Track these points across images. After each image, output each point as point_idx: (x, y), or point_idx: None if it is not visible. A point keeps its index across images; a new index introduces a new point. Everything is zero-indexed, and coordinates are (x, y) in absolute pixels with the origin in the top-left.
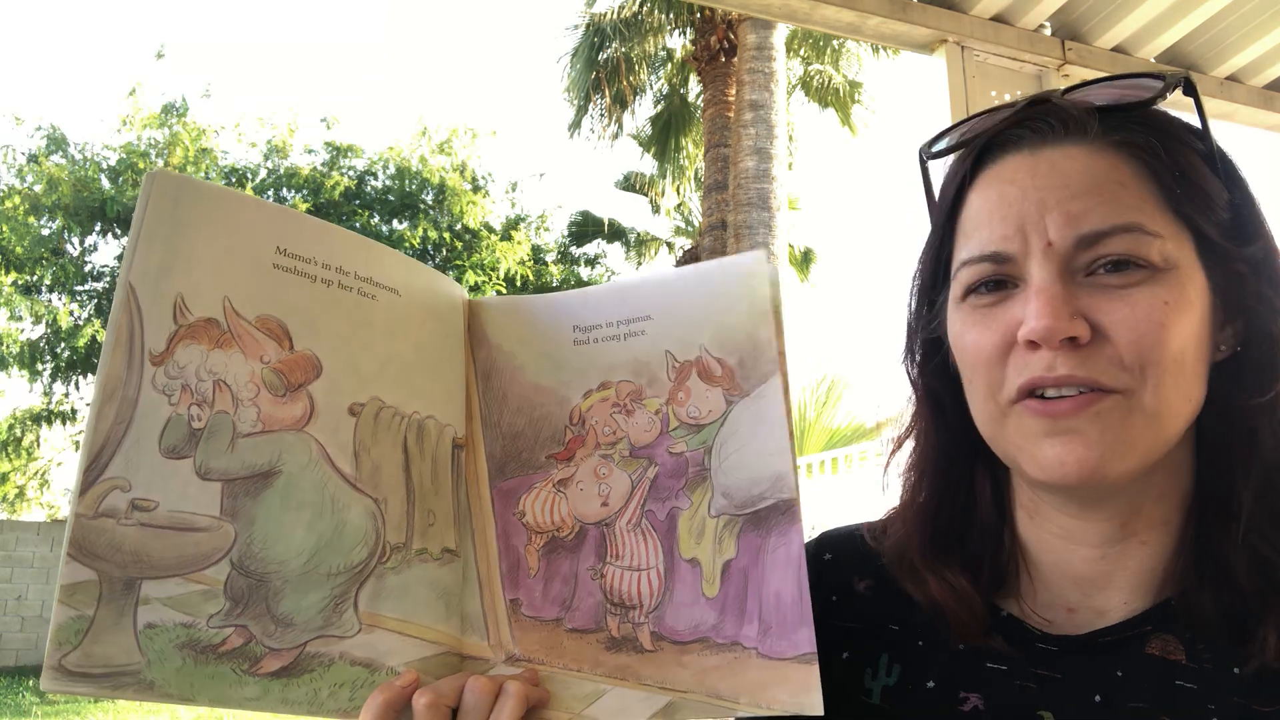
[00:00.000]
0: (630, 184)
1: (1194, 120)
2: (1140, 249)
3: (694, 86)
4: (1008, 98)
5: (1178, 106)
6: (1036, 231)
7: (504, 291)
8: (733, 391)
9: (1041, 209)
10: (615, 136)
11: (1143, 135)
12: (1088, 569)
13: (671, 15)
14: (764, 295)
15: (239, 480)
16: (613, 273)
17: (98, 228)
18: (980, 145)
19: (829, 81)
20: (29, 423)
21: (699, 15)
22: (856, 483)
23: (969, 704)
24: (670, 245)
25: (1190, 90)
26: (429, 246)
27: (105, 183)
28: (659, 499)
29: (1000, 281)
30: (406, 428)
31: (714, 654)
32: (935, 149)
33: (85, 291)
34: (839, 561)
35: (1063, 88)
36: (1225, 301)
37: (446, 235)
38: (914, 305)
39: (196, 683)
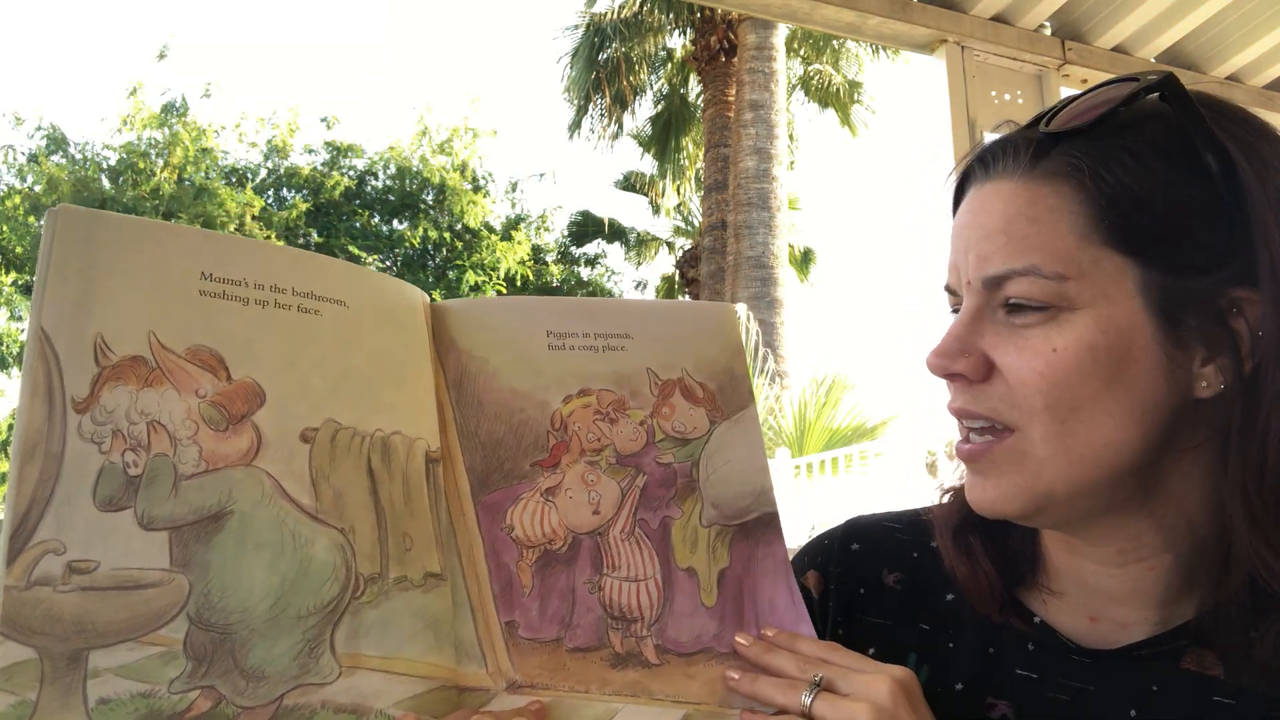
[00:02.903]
0: (630, 184)
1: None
2: (1034, 292)
3: (694, 86)
4: (1007, 98)
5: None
6: (964, 269)
7: (504, 291)
8: (715, 413)
9: (967, 247)
10: (615, 136)
11: (1080, 159)
12: (1099, 582)
13: (671, 15)
14: (737, 338)
15: (187, 526)
16: (613, 272)
17: None
18: (958, 178)
19: (829, 81)
20: None
21: (699, 15)
22: (856, 483)
23: (997, 710)
24: (670, 245)
25: (1169, 97)
26: (429, 246)
27: (105, 183)
28: (650, 508)
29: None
30: (369, 448)
31: (719, 664)
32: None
33: None
34: (868, 552)
35: (1062, 90)
36: (1203, 339)
37: (446, 235)
38: None
39: None
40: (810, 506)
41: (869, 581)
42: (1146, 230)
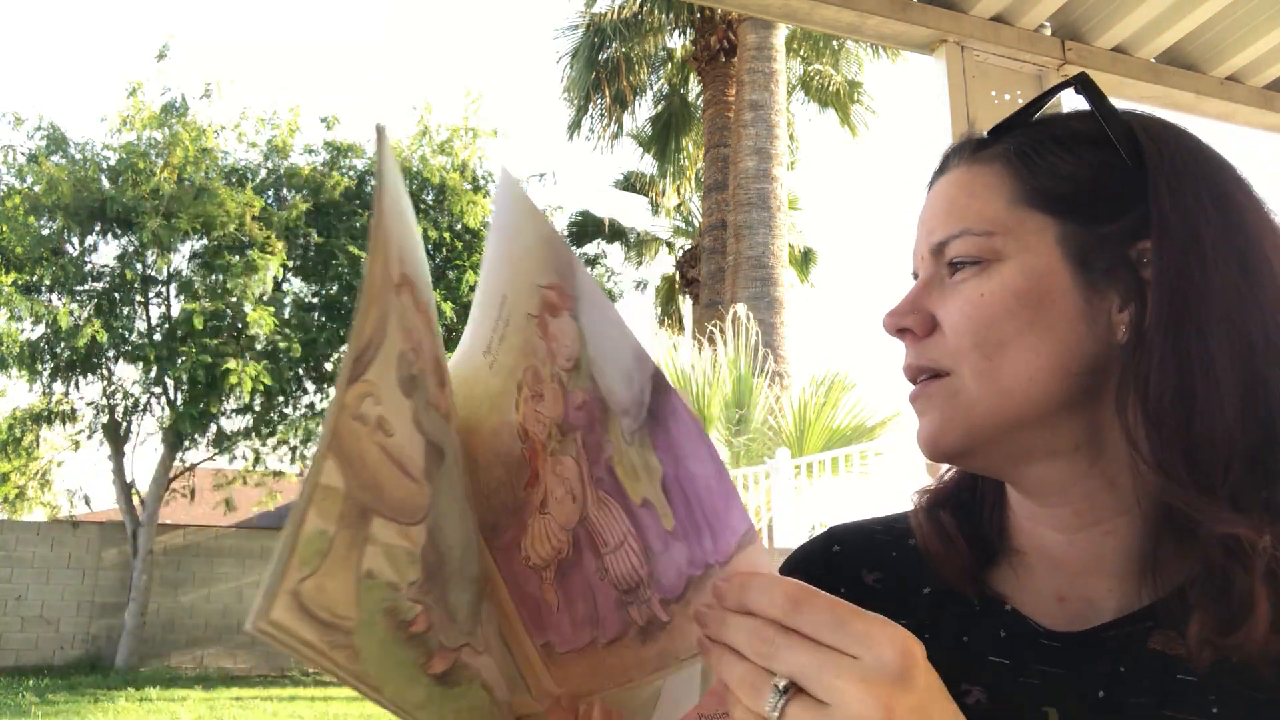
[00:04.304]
0: (630, 184)
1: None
2: (967, 249)
3: (694, 86)
4: (1007, 98)
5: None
6: (920, 249)
7: None
8: (568, 305)
9: (922, 228)
10: (615, 136)
11: (1008, 144)
12: (1062, 553)
13: (671, 15)
14: (528, 208)
15: (431, 445)
16: (613, 272)
17: (98, 228)
18: (931, 180)
19: (829, 82)
20: (29, 423)
21: (699, 15)
22: (856, 483)
23: (972, 697)
24: (670, 245)
25: (1081, 90)
26: (429, 246)
27: (105, 183)
28: (594, 460)
29: None
30: None
31: (702, 591)
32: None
33: (85, 291)
34: (847, 554)
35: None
36: (1117, 286)
37: (446, 235)
38: None
39: (387, 667)
40: (810, 506)
41: (850, 582)
42: (1064, 193)
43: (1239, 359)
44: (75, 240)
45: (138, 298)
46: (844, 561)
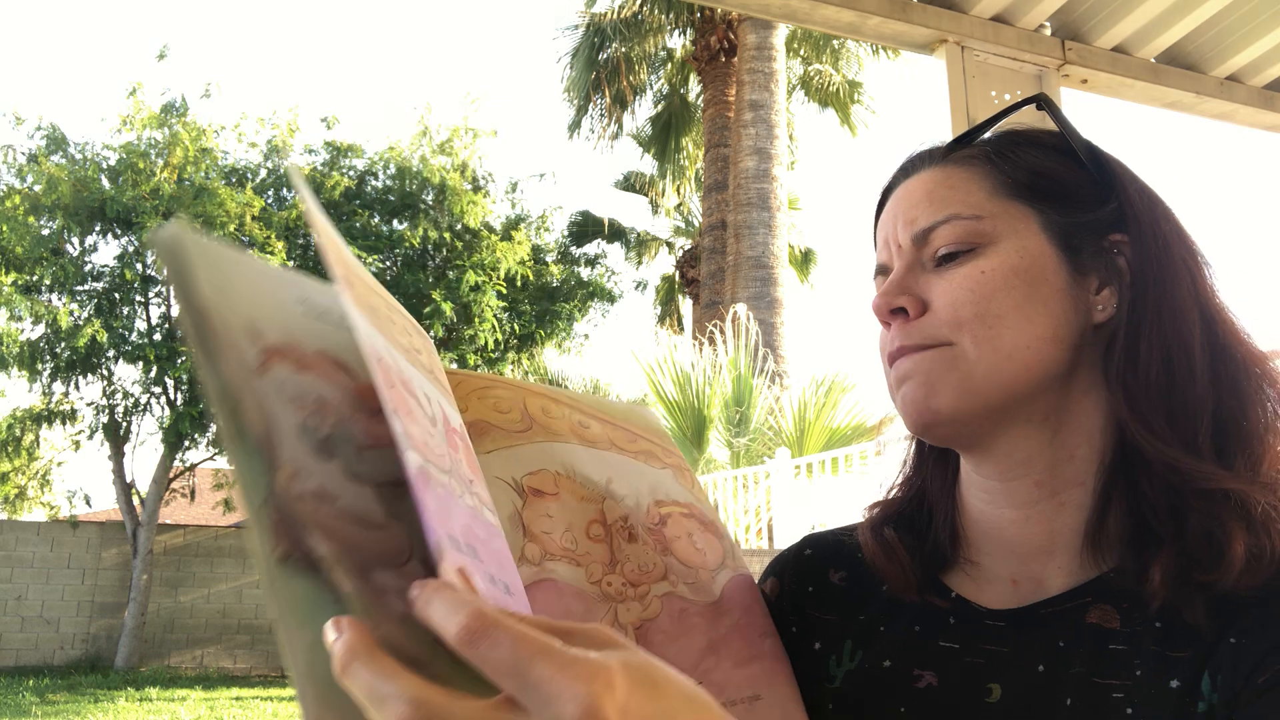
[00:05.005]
0: (630, 184)
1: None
2: (958, 234)
3: (694, 86)
4: (1007, 98)
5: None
6: (895, 241)
7: (504, 292)
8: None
9: (897, 223)
10: (615, 136)
11: (981, 147)
12: (1017, 532)
13: (671, 15)
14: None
15: (386, 485)
16: (613, 272)
17: (97, 228)
18: (885, 189)
19: (829, 81)
20: (29, 423)
21: (699, 15)
22: (856, 483)
23: (923, 681)
24: (670, 245)
25: (1043, 106)
26: (429, 246)
27: (105, 183)
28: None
29: None
30: None
31: None
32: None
33: (85, 291)
34: (817, 556)
35: (1062, 90)
36: (1097, 271)
37: (446, 235)
38: None
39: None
40: (810, 506)
41: (818, 580)
42: (1042, 187)
43: (1206, 334)
44: (75, 240)
45: (138, 298)
46: (814, 563)
